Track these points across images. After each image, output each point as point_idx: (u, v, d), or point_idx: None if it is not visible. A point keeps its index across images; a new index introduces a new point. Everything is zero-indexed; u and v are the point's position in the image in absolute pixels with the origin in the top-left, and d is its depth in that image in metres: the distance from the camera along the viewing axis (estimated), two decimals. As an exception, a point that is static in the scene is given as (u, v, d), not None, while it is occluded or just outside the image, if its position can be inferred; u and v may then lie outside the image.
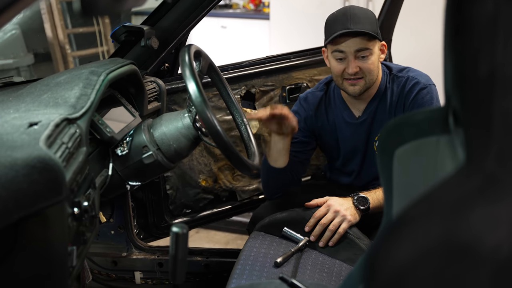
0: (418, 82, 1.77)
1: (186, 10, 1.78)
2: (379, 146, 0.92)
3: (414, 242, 0.54)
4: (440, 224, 0.54)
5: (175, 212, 2.20)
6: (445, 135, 0.80)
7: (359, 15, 1.69)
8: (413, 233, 0.56)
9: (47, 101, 1.26)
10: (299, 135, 1.88)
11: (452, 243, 0.52)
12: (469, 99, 0.63)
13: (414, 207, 0.60)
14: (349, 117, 1.88)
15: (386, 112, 1.81)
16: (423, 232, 0.55)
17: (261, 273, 1.53)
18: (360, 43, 1.67)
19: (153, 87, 1.82)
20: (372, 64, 1.71)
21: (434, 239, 0.53)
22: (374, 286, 0.56)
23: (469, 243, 0.51)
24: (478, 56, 0.61)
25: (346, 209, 1.68)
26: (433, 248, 0.53)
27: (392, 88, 1.81)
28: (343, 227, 1.67)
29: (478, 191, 0.55)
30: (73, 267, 1.11)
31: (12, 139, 1.03)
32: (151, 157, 1.48)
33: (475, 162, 0.59)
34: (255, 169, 1.47)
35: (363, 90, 1.75)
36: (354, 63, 1.69)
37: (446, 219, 0.54)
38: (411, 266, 0.53)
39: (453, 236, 0.52)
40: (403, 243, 0.56)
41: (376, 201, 1.72)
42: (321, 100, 1.92)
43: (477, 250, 0.50)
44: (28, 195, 0.93)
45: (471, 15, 0.61)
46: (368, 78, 1.72)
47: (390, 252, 0.56)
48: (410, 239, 0.55)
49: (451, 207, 0.55)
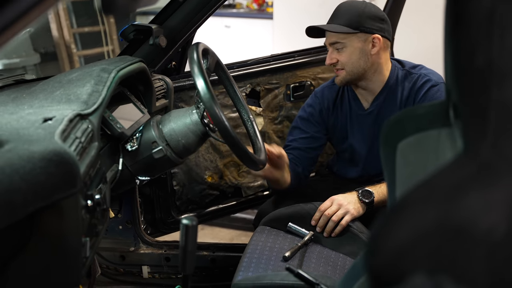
0: (430, 79, 1.82)
1: (193, 9, 1.81)
2: (382, 139, 0.96)
3: (412, 224, 0.58)
4: (437, 207, 0.57)
5: (182, 207, 2.24)
6: (446, 128, 0.83)
7: (342, 10, 1.81)
8: (412, 216, 0.59)
9: (59, 98, 1.30)
10: (310, 130, 1.96)
11: (447, 225, 0.55)
12: (466, 89, 0.66)
13: (413, 192, 0.63)
14: (358, 108, 1.94)
15: (396, 106, 1.86)
16: (421, 215, 0.58)
17: (267, 266, 1.57)
18: (333, 37, 1.80)
19: (161, 85, 1.86)
20: (347, 56, 1.80)
21: (431, 221, 0.56)
22: (375, 264, 0.60)
23: (463, 225, 0.54)
24: (475, 48, 0.64)
25: (349, 203, 1.73)
26: (430, 229, 0.56)
27: (403, 84, 1.86)
28: (345, 219, 1.71)
29: (474, 176, 0.59)
30: (86, 258, 1.15)
31: (28, 134, 1.06)
32: (161, 152, 1.52)
33: (471, 150, 0.62)
34: (261, 164, 1.50)
35: (346, 81, 1.85)
36: (329, 55, 1.84)
37: (442, 202, 0.57)
38: (410, 245, 0.57)
39: (448, 218, 0.56)
40: (402, 225, 0.59)
41: (381, 195, 1.76)
42: (336, 93, 1.99)
43: (472, 232, 0.53)
44: (46, 187, 0.96)
45: (468, 7, 0.65)
46: (348, 69, 1.82)
47: (390, 232, 0.60)
48: (408, 220, 0.59)
49: (447, 192, 0.58)
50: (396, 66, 1.89)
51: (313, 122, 1.97)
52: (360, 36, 1.78)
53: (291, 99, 2.34)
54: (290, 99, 2.34)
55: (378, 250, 0.61)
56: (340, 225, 1.71)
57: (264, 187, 2.39)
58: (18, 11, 0.57)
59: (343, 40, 1.79)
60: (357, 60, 1.81)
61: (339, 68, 1.84)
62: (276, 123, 2.36)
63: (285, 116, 2.36)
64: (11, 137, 1.04)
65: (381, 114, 1.89)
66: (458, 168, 0.62)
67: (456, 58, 0.67)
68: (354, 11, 1.78)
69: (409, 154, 0.92)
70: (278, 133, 2.37)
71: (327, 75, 2.38)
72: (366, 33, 1.78)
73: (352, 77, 1.84)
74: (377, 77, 1.86)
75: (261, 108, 2.31)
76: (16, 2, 0.57)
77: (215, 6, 1.83)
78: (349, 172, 2.05)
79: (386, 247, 0.60)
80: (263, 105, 2.31)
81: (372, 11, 1.80)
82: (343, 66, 1.82)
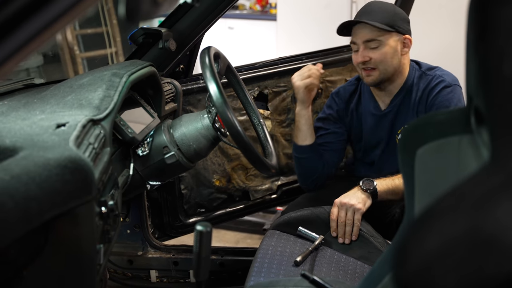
0: (443, 80, 1.81)
1: (202, 12, 1.81)
2: (400, 145, 0.95)
3: (441, 233, 0.57)
4: (466, 217, 0.57)
5: (190, 211, 2.23)
6: (467, 135, 0.82)
7: (375, 8, 1.78)
8: (440, 225, 0.58)
9: (71, 103, 1.29)
10: (331, 127, 1.99)
11: (477, 235, 0.54)
12: (494, 99, 0.65)
13: (441, 202, 0.62)
14: (375, 109, 1.94)
15: (410, 107, 1.86)
16: (450, 224, 0.57)
17: (278, 270, 1.56)
18: (368, 34, 1.76)
19: (170, 88, 1.85)
20: (383, 54, 1.77)
21: (460, 231, 0.56)
22: (403, 273, 0.59)
23: (494, 235, 0.53)
24: (504, 56, 0.63)
25: (351, 198, 1.73)
26: (459, 238, 0.55)
27: (418, 85, 1.86)
28: (356, 218, 1.71)
29: (504, 186, 0.58)
30: (100, 265, 1.14)
31: (42, 140, 1.06)
32: (173, 157, 1.51)
33: (500, 160, 0.62)
34: (273, 168, 1.50)
35: (378, 81, 1.82)
36: (362, 53, 1.79)
37: (472, 212, 0.57)
38: (438, 255, 0.56)
39: (479, 228, 0.55)
40: (431, 234, 0.58)
41: (385, 187, 1.75)
42: (352, 93, 2.00)
43: (504, 241, 0.53)
44: (61, 194, 0.96)
45: (498, 16, 0.64)
46: (381, 68, 1.79)
47: (418, 242, 0.59)
48: (437, 230, 0.58)
49: (476, 202, 0.58)
50: (414, 67, 1.89)
51: (333, 120, 2.00)
52: (395, 36, 1.78)
53: (298, 101, 2.33)
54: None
55: (406, 261, 0.60)
56: (355, 226, 1.72)
57: (271, 191, 2.39)
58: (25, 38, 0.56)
59: (380, 37, 1.77)
60: (391, 59, 1.80)
61: (370, 67, 1.80)
62: (284, 126, 2.35)
63: (293, 119, 2.35)
64: (25, 143, 1.04)
65: (398, 115, 1.89)
66: (488, 177, 0.61)
67: (482, 67, 0.67)
68: (389, 10, 1.79)
69: (428, 161, 0.91)
70: (286, 136, 2.37)
71: (334, 78, 2.37)
72: (400, 33, 1.79)
73: (385, 76, 1.82)
74: (399, 78, 1.86)
75: (269, 111, 2.30)
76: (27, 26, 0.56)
77: (225, 9, 1.83)
78: (364, 171, 2.06)
79: (414, 257, 0.59)
80: (271, 108, 2.30)
81: (402, 13, 1.82)
82: (376, 65, 1.79)
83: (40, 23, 0.56)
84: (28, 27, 0.56)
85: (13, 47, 0.56)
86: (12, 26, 0.55)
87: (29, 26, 0.56)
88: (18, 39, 0.56)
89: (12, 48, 0.56)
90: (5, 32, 0.55)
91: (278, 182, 2.39)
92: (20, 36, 0.56)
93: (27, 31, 0.56)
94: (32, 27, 0.56)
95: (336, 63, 2.36)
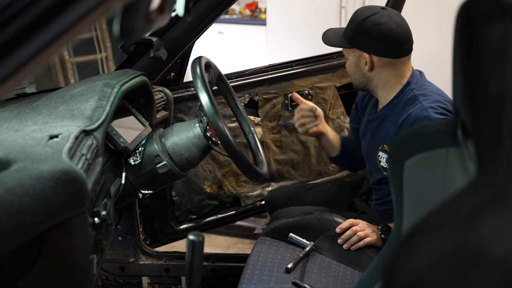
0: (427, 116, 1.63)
1: (193, 21, 1.82)
2: (389, 157, 0.97)
3: (430, 249, 0.59)
4: (454, 233, 0.58)
5: (181, 218, 2.24)
6: (454, 148, 0.84)
7: (351, 18, 1.77)
8: (429, 241, 0.60)
9: (63, 113, 1.30)
10: (354, 124, 2.06)
11: (464, 251, 0.56)
12: (480, 117, 0.67)
13: (429, 217, 0.64)
14: (371, 112, 1.90)
15: (393, 125, 1.74)
16: (438, 240, 0.59)
17: (269, 277, 1.58)
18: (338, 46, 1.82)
19: (161, 97, 1.86)
20: (347, 67, 1.82)
21: (448, 247, 0.57)
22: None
23: (480, 251, 0.55)
24: (488, 76, 0.65)
25: (373, 232, 1.74)
26: (447, 255, 0.57)
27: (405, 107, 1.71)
28: (369, 239, 1.72)
29: (489, 203, 0.60)
30: (93, 275, 1.15)
31: (36, 152, 1.06)
32: (165, 167, 1.52)
33: (486, 176, 0.64)
34: (264, 176, 1.51)
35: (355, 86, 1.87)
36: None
37: (459, 228, 0.59)
38: (427, 271, 0.58)
39: (465, 244, 0.57)
40: (420, 250, 0.60)
41: None
42: (365, 94, 1.98)
43: (488, 257, 0.55)
44: (55, 206, 0.96)
45: (482, 37, 0.66)
46: (351, 78, 1.84)
47: (407, 257, 0.61)
48: (426, 246, 0.60)
49: (463, 218, 0.60)
50: (410, 86, 1.74)
51: (355, 117, 2.04)
52: (355, 52, 1.74)
53: (289, 108, 2.35)
54: (288, 108, 2.35)
55: (395, 276, 0.62)
56: (363, 241, 1.72)
57: (262, 196, 2.40)
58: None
59: (345, 52, 1.80)
60: (353, 74, 1.79)
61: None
62: (274, 132, 2.37)
63: (283, 126, 2.37)
64: (18, 155, 1.04)
65: (381, 125, 1.82)
66: (474, 193, 0.63)
67: (469, 84, 0.69)
68: (354, 23, 1.72)
69: (416, 172, 0.93)
70: (276, 142, 2.39)
71: (324, 84, 2.40)
72: (360, 50, 1.73)
73: (356, 86, 1.84)
74: (382, 92, 1.79)
75: (259, 118, 2.32)
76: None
77: (216, 18, 1.85)
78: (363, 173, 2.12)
79: (404, 272, 0.61)
80: (262, 114, 2.32)
81: (368, 27, 1.68)
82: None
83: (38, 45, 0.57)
84: (25, 50, 0.57)
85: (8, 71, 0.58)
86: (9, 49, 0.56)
87: (25, 49, 0.57)
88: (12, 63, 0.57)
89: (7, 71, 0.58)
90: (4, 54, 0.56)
91: (269, 188, 2.41)
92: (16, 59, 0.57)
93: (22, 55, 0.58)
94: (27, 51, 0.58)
95: (326, 69, 2.39)
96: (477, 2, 0.69)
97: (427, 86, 1.74)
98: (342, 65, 2.34)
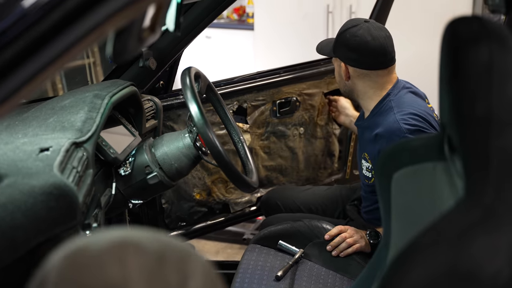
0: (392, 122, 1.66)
1: (182, 31, 1.83)
2: (377, 169, 0.98)
3: (424, 268, 0.60)
4: (447, 253, 0.60)
5: (171, 225, 2.24)
6: (441, 162, 0.86)
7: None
8: (423, 260, 0.62)
9: (53, 125, 1.30)
10: None
11: (457, 270, 0.58)
12: (467, 137, 0.69)
13: (422, 236, 0.66)
14: (359, 119, 1.95)
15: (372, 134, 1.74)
16: (432, 260, 0.61)
17: (259, 286, 1.59)
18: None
19: (150, 106, 1.86)
20: (335, 75, 1.89)
21: (442, 266, 0.59)
22: None
23: (472, 270, 0.57)
24: (475, 97, 0.67)
25: (361, 238, 1.75)
26: (442, 274, 0.59)
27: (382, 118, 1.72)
28: (358, 245, 1.73)
29: (479, 222, 0.62)
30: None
31: (27, 166, 1.07)
32: (156, 177, 1.53)
33: (474, 195, 0.65)
34: (253, 186, 1.52)
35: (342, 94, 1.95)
36: None
37: (451, 248, 0.60)
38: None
39: (458, 264, 0.58)
40: (414, 269, 0.62)
41: None
42: None
43: (479, 276, 0.56)
44: (47, 221, 0.97)
45: (467, 61, 0.68)
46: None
47: (403, 276, 0.62)
48: (420, 265, 0.61)
49: (455, 237, 0.61)
50: (389, 98, 1.74)
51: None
52: (337, 61, 1.82)
53: (277, 115, 2.36)
54: (276, 115, 2.36)
55: None
56: (352, 247, 1.74)
57: (251, 203, 2.41)
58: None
59: (333, 59, 1.87)
60: (338, 82, 1.88)
61: None
62: (263, 139, 2.38)
63: (272, 132, 2.39)
64: (9, 170, 1.04)
65: (365, 132, 1.83)
66: (464, 213, 0.65)
67: (455, 105, 0.70)
68: (337, 34, 1.79)
69: (404, 184, 0.94)
70: (265, 149, 2.40)
71: (312, 91, 2.41)
72: (339, 59, 1.80)
73: (343, 93, 1.92)
74: (362, 101, 1.83)
75: (248, 125, 2.33)
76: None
77: (204, 27, 1.86)
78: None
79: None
80: (250, 121, 2.33)
81: (346, 38, 1.73)
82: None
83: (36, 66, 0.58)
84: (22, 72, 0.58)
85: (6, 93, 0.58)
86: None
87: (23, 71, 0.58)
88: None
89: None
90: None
91: (258, 194, 2.42)
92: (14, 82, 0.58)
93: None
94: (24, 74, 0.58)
95: (313, 76, 2.41)
96: (462, 23, 0.70)
97: (404, 97, 1.74)
98: (329, 71, 2.37)
